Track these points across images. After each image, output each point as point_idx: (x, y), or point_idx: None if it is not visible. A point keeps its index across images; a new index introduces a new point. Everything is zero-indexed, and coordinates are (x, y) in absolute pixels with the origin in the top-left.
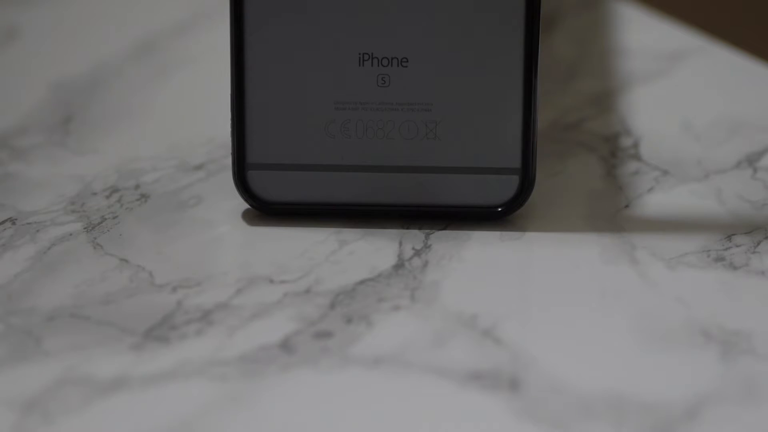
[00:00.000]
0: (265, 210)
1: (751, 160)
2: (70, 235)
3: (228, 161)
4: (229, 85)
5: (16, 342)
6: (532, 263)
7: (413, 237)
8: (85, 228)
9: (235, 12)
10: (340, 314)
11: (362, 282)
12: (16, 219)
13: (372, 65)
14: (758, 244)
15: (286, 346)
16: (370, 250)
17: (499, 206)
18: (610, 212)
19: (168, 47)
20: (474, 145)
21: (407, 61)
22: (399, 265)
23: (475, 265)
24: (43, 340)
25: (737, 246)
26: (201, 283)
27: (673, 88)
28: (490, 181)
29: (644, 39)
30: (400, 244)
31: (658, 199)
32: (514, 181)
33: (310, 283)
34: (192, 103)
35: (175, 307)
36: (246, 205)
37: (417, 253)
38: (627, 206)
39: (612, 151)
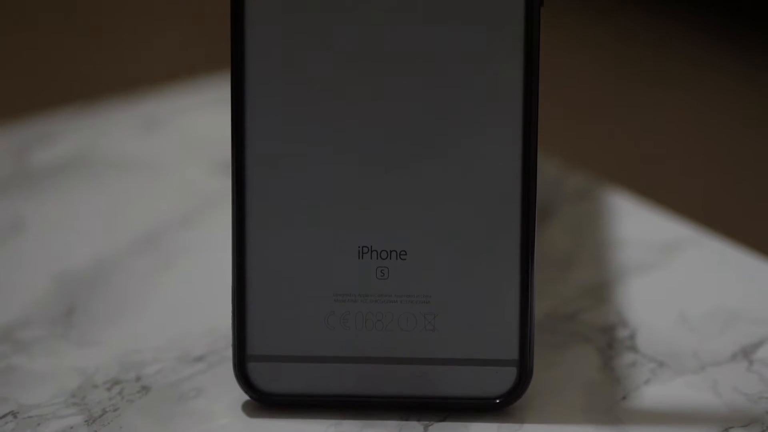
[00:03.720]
0: (265, 402)
1: (746, 353)
2: (71, 428)
3: (229, 352)
4: (231, 277)
5: None
6: None
7: (412, 429)
8: (85, 421)
9: (238, 205)
10: None
11: None
12: (17, 412)
13: (371, 258)
14: None
15: None
16: None
17: (497, 398)
18: (608, 404)
19: (169, 239)
20: (472, 337)
21: (406, 254)
22: None
23: None
24: None
25: None
26: None
27: (668, 280)
28: (488, 373)
29: (639, 230)
30: None
31: (655, 391)
32: (511, 372)
33: None
34: (194, 295)
35: None
36: (246, 397)
37: None
38: (624, 398)
39: (608, 342)
